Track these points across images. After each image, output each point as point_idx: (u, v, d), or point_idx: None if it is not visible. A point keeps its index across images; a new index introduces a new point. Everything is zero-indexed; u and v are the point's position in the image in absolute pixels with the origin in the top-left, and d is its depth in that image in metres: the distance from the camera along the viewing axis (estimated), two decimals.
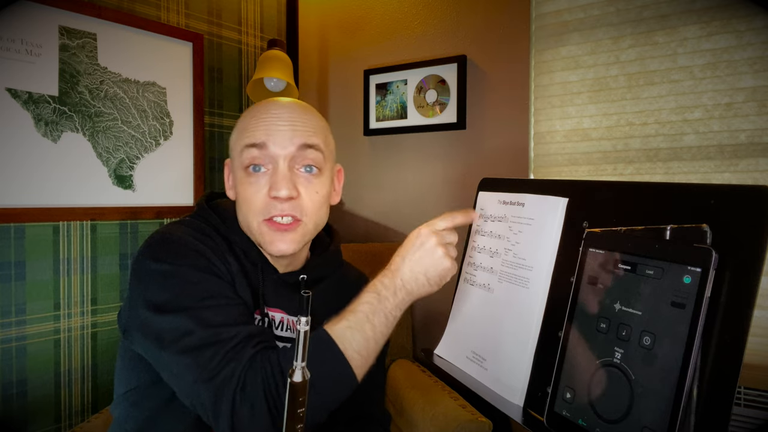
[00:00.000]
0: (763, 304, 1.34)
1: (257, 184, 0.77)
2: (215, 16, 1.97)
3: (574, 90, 1.63)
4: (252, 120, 0.78)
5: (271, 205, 0.76)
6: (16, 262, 1.46)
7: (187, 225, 0.79)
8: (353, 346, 0.68)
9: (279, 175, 0.76)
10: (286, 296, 0.83)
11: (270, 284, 0.82)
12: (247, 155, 0.76)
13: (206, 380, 0.64)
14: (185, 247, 0.74)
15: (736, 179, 1.39)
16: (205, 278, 0.72)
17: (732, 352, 0.49)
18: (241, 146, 0.78)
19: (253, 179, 0.77)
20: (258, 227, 0.78)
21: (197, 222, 0.81)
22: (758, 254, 0.49)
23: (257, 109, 0.80)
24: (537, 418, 0.67)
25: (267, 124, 0.77)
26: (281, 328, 0.82)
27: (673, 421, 0.50)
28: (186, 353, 0.66)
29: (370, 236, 2.07)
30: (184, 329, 0.67)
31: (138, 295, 0.73)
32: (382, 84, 2.01)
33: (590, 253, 0.64)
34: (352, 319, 0.70)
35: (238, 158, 0.79)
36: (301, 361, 0.63)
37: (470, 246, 0.91)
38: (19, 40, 1.44)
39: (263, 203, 0.76)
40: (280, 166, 0.76)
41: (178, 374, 0.67)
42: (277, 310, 0.82)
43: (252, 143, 0.76)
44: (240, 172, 0.78)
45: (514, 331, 0.76)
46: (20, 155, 1.46)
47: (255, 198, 0.77)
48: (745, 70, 1.37)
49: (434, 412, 1.35)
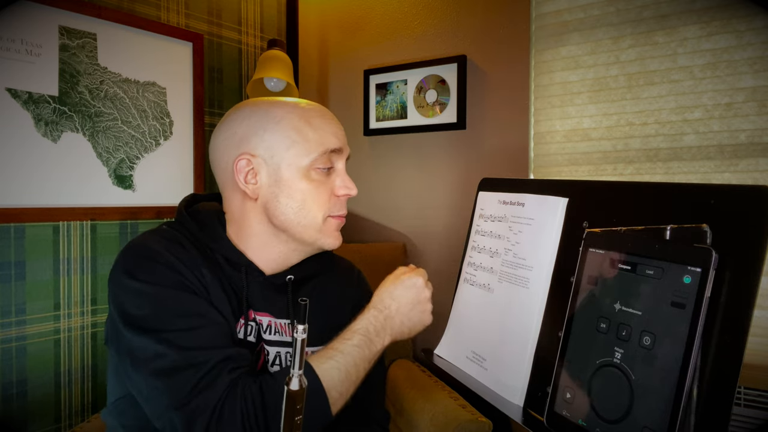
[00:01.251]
0: (763, 304, 1.34)
1: (326, 183, 0.81)
2: (215, 16, 1.97)
3: (574, 90, 1.63)
4: (322, 124, 0.81)
5: (337, 203, 0.82)
6: (16, 262, 1.46)
7: (162, 235, 0.78)
8: (337, 387, 0.70)
9: (346, 176, 0.83)
10: (272, 299, 0.82)
11: (256, 288, 0.80)
12: (325, 158, 0.80)
13: (178, 407, 0.63)
14: (159, 263, 0.72)
15: (736, 179, 1.39)
16: (180, 297, 0.71)
17: (732, 352, 0.49)
18: (312, 151, 0.79)
19: (320, 178, 0.80)
20: (324, 222, 0.81)
21: (173, 231, 0.79)
22: (758, 254, 0.49)
23: (316, 112, 0.82)
24: (537, 418, 0.67)
25: (334, 129, 0.82)
26: (269, 331, 0.81)
27: (673, 421, 0.50)
28: (158, 376, 0.65)
29: (370, 236, 2.07)
30: (155, 351, 0.66)
31: (113, 307, 0.72)
32: (382, 84, 2.01)
33: (590, 253, 0.64)
34: (341, 360, 0.72)
35: (305, 157, 0.78)
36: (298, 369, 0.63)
37: (470, 246, 0.91)
38: (19, 40, 1.44)
39: (330, 200, 0.81)
40: (343, 168, 0.83)
41: (149, 397, 0.66)
42: (264, 314, 0.81)
43: (335, 148, 0.81)
44: (296, 171, 0.78)
45: (514, 331, 0.76)
46: (20, 155, 1.46)
47: (323, 195, 0.80)
48: (745, 70, 1.37)
49: (434, 412, 1.35)
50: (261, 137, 0.78)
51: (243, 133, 0.79)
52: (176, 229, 0.80)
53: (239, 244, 0.81)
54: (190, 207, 0.86)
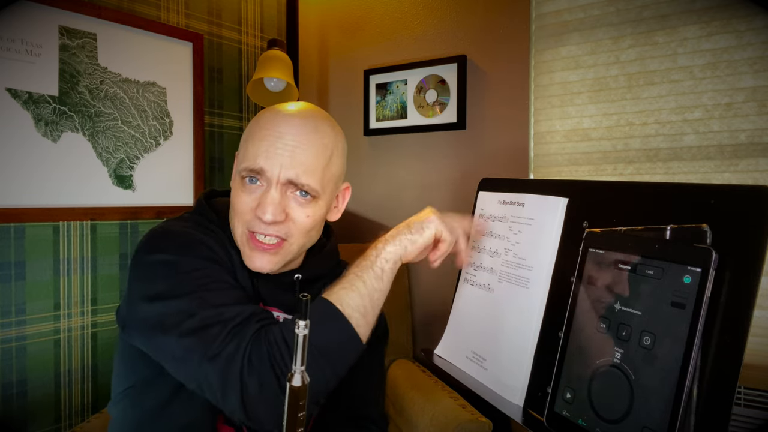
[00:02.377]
0: (763, 304, 1.34)
1: (248, 195, 0.76)
2: (215, 16, 1.97)
3: (574, 90, 1.63)
4: (258, 135, 0.77)
5: (255, 222, 0.75)
6: (16, 262, 1.46)
7: (185, 220, 0.80)
8: (350, 303, 0.70)
9: (268, 198, 0.74)
10: (282, 295, 0.83)
11: (265, 283, 0.82)
12: (244, 172, 0.76)
13: (211, 358, 0.64)
14: (186, 238, 0.75)
15: (736, 179, 1.39)
16: (206, 265, 0.73)
17: (732, 352, 0.49)
18: (242, 161, 0.77)
19: (246, 189, 0.76)
20: (241, 237, 0.78)
21: (196, 217, 0.82)
22: (758, 254, 0.49)
23: (266, 121, 0.78)
24: (537, 418, 0.67)
25: (269, 145, 0.75)
26: None
27: (673, 421, 0.50)
28: (189, 335, 0.66)
29: (370, 236, 2.06)
30: (186, 312, 0.68)
31: (137, 288, 0.73)
32: (382, 84, 2.01)
33: (590, 253, 0.64)
34: (342, 281, 0.72)
35: (238, 165, 0.79)
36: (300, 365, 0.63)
37: (470, 246, 0.91)
38: (19, 40, 1.44)
39: (249, 217, 0.76)
40: (272, 191, 0.74)
41: (182, 357, 0.67)
42: (274, 309, 0.82)
43: (251, 168, 0.75)
44: (237, 177, 0.79)
45: (514, 331, 0.76)
46: (20, 155, 1.46)
47: (242, 208, 0.76)
48: (745, 70, 1.37)
49: (434, 412, 1.35)
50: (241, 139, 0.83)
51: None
52: (199, 216, 0.83)
53: None
54: (210, 200, 0.87)
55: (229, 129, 2.04)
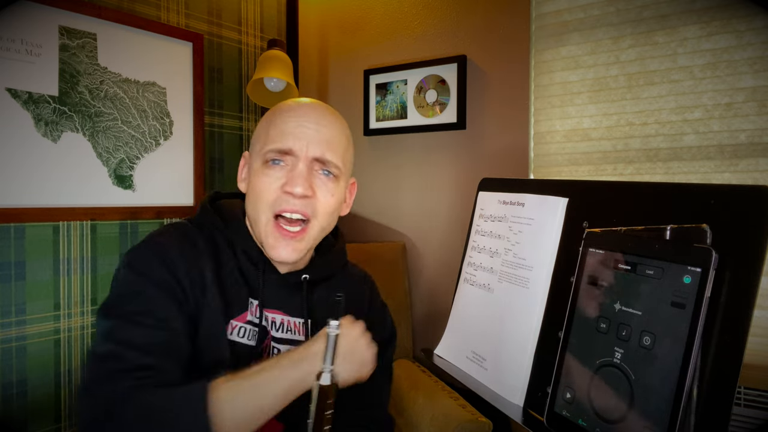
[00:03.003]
0: (763, 304, 1.34)
1: (273, 175, 0.76)
2: (215, 16, 1.97)
3: (574, 90, 1.63)
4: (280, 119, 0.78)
5: (283, 199, 0.75)
6: (16, 262, 1.46)
7: (177, 228, 0.79)
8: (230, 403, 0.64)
9: (296, 172, 0.75)
10: (286, 297, 0.83)
11: (271, 285, 0.81)
12: (270, 154, 0.76)
13: (85, 390, 0.65)
14: (157, 258, 0.73)
15: (736, 179, 1.39)
16: (153, 293, 0.71)
17: (732, 352, 0.49)
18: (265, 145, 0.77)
19: (270, 171, 0.76)
20: (266, 225, 0.76)
21: (188, 227, 0.80)
22: (758, 254, 0.49)
23: (287, 108, 0.80)
24: (537, 418, 0.67)
25: (295, 125, 0.77)
26: (281, 329, 0.82)
27: (673, 421, 0.50)
28: (92, 358, 0.67)
29: (370, 236, 2.07)
30: (106, 334, 0.68)
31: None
32: (382, 84, 2.01)
33: (590, 253, 0.64)
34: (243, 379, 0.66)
35: (260, 152, 0.78)
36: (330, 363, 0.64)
37: (470, 246, 0.91)
38: (19, 40, 1.44)
39: (275, 196, 0.76)
40: (300, 166, 0.76)
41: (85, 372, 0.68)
42: (276, 312, 0.82)
43: (278, 149, 0.76)
44: (257, 163, 0.78)
45: (514, 331, 0.75)
46: (20, 155, 1.46)
47: (268, 189, 0.76)
48: (745, 70, 1.37)
49: (434, 412, 1.35)
50: (253, 135, 0.84)
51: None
52: (199, 222, 0.81)
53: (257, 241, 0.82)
54: (214, 203, 0.87)
55: (229, 129, 2.04)
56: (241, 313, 0.79)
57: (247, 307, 0.79)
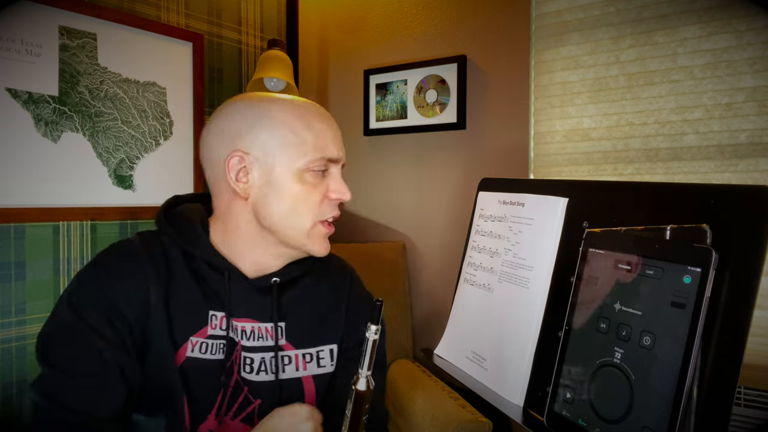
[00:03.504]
0: (763, 304, 1.34)
1: (318, 185, 0.78)
2: (215, 16, 1.97)
3: (574, 90, 1.63)
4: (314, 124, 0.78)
5: (328, 206, 0.79)
6: (16, 262, 1.46)
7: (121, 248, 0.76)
8: None
9: (341, 180, 0.80)
10: (256, 303, 0.79)
11: (239, 293, 0.78)
12: (320, 163, 0.77)
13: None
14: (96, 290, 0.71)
15: (736, 179, 1.39)
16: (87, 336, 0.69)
17: (732, 352, 0.49)
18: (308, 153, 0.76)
19: (314, 180, 0.77)
20: (313, 227, 0.78)
21: (135, 244, 0.77)
22: (758, 254, 0.49)
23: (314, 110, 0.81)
24: (537, 418, 0.67)
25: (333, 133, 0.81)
26: (253, 338, 0.78)
27: (673, 421, 0.50)
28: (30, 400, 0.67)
29: (370, 236, 2.07)
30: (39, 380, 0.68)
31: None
32: (382, 84, 2.01)
33: (590, 253, 0.64)
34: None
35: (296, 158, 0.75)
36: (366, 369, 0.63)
37: (470, 246, 0.91)
38: (19, 40, 1.44)
39: (322, 204, 0.78)
40: (338, 173, 0.81)
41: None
42: (246, 320, 0.78)
43: (331, 158, 0.78)
44: (292, 174, 0.75)
45: (514, 331, 0.76)
46: (20, 155, 1.46)
47: (314, 198, 0.77)
48: (745, 70, 1.37)
49: (434, 412, 1.35)
50: (256, 135, 0.75)
51: (237, 129, 0.76)
52: (144, 239, 0.78)
53: (222, 246, 0.79)
54: (171, 210, 0.83)
55: None
56: (201, 328, 0.75)
57: (208, 321, 0.76)
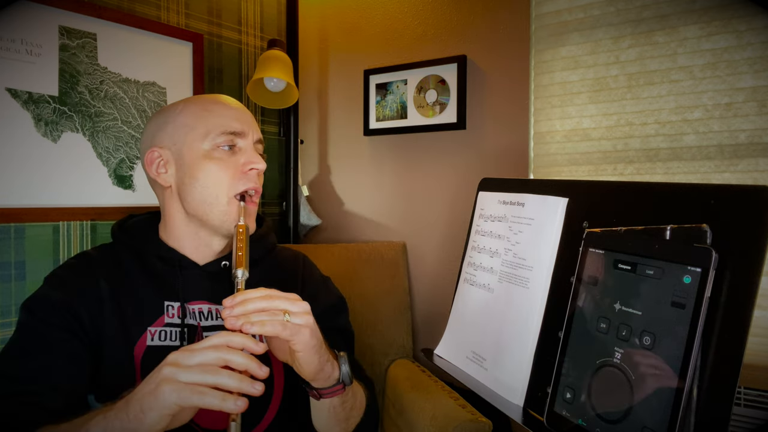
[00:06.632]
0: (763, 304, 1.34)
1: (228, 161, 0.82)
2: (215, 16, 1.97)
3: (574, 90, 1.63)
4: (209, 109, 0.84)
5: (244, 180, 0.83)
6: (16, 262, 1.46)
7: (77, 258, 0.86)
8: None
9: (253, 152, 0.84)
10: (209, 287, 0.86)
11: (192, 279, 0.85)
12: (222, 139, 0.82)
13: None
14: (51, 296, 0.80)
15: (736, 179, 1.39)
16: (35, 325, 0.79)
17: (732, 352, 0.49)
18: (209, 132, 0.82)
19: (222, 158, 0.82)
20: (228, 204, 0.82)
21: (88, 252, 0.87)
22: (758, 254, 0.49)
23: (215, 100, 0.86)
24: (537, 418, 0.67)
25: (234, 113, 0.85)
26: (211, 317, 0.85)
27: (673, 421, 0.50)
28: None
29: (370, 236, 2.07)
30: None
31: None
32: (382, 84, 2.01)
33: (590, 253, 0.64)
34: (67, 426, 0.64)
35: (197, 144, 0.82)
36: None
37: (470, 246, 0.91)
38: (19, 40, 1.44)
39: (236, 178, 0.82)
40: (253, 147, 0.85)
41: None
42: (203, 302, 0.85)
43: (236, 131, 0.82)
44: (199, 155, 0.82)
45: (514, 331, 0.76)
46: (20, 155, 1.46)
47: (226, 174, 0.82)
48: (745, 70, 1.37)
49: (434, 412, 1.35)
50: (165, 130, 0.85)
51: (152, 130, 0.87)
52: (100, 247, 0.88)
53: (169, 240, 0.87)
54: (125, 223, 0.92)
55: None
56: (157, 318, 0.82)
57: (164, 311, 0.83)
